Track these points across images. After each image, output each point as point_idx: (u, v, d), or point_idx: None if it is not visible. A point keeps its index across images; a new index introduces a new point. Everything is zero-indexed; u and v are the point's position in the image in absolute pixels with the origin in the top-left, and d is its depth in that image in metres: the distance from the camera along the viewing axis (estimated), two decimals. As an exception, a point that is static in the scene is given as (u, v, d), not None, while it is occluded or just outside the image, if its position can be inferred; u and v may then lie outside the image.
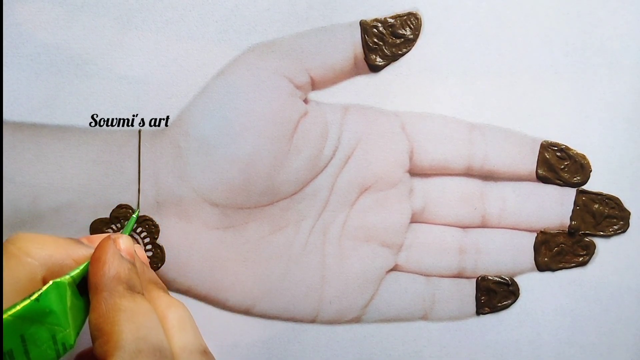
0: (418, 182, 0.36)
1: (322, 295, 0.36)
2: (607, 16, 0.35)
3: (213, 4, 0.33)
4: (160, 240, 0.34)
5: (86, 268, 0.27)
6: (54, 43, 0.33)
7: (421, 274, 0.36)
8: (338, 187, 0.35)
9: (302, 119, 0.34)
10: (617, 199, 0.36)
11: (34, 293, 0.25)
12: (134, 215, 0.33)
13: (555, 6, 0.35)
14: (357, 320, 0.36)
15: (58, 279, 0.26)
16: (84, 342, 0.27)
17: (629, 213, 0.36)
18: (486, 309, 0.37)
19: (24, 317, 0.24)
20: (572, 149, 0.36)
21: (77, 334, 0.26)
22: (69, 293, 0.26)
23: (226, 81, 0.34)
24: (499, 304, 0.37)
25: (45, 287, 0.25)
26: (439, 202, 0.36)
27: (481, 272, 0.36)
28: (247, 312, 0.35)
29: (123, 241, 0.28)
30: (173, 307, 0.27)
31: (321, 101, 0.35)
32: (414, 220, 0.36)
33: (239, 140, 0.34)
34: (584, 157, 0.36)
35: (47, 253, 0.26)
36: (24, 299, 0.24)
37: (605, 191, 0.36)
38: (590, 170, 0.36)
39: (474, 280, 0.36)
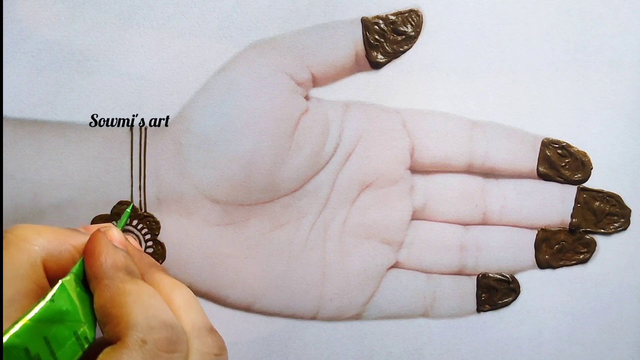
0: (419, 180, 0.36)
1: (322, 292, 0.36)
2: (609, 14, 0.35)
3: (214, 1, 0.33)
4: (161, 237, 0.34)
5: (82, 264, 0.27)
6: (55, 39, 0.33)
7: (422, 271, 0.36)
8: (339, 184, 0.35)
9: (303, 115, 0.34)
10: (618, 196, 0.36)
11: (47, 294, 0.25)
12: (128, 210, 0.33)
13: (556, 4, 0.35)
14: (357, 317, 0.36)
15: (65, 277, 0.26)
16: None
17: (630, 210, 0.36)
18: (487, 306, 0.37)
19: (43, 319, 0.25)
20: (573, 147, 0.36)
21: (95, 326, 0.26)
22: (77, 289, 0.26)
23: (227, 78, 0.34)
24: (500, 302, 0.37)
25: (56, 287, 0.25)
26: (439, 200, 0.36)
27: (482, 270, 0.36)
28: (247, 309, 0.35)
29: (113, 232, 0.28)
30: (177, 288, 0.27)
31: (322, 98, 0.35)
32: (414, 217, 0.36)
33: (239, 137, 0.34)
34: (585, 154, 0.36)
35: (45, 239, 0.26)
36: (39, 301, 0.25)
37: (606, 189, 0.36)
38: (591, 168, 0.36)
39: (475, 277, 0.36)
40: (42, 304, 0.25)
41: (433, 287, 0.36)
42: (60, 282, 0.25)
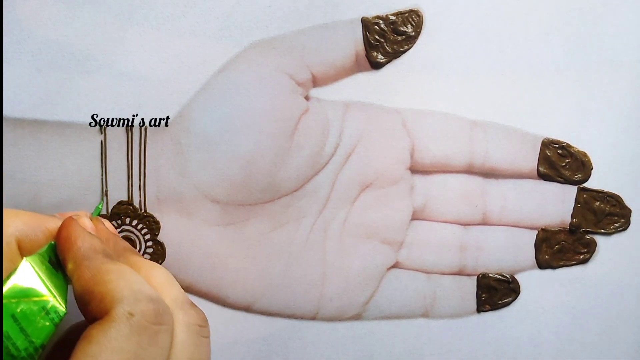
0: (419, 180, 0.36)
1: (322, 292, 0.36)
2: (608, 14, 0.35)
3: (214, 1, 0.33)
4: (161, 237, 0.34)
5: (52, 247, 0.27)
6: (55, 39, 0.33)
7: (422, 271, 0.36)
8: (339, 184, 0.35)
9: (303, 115, 0.34)
10: (618, 196, 0.36)
11: (10, 274, 0.25)
12: (99, 206, 0.34)
13: (556, 4, 0.35)
14: (357, 317, 0.36)
15: (28, 256, 0.26)
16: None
17: (630, 211, 0.37)
18: (487, 306, 0.37)
19: (8, 297, 0.25)
20: (573, 147, 0.36)
21: (65, 300, 0.26)
22: (43, 267, 0.26)
23: (227, 78, 0.34)
24: (500, 302, 0.37)
25: (19, 266, 0.26)
26: (440, 200, 0.36)
27: (482, 270, 0.36)
28: (247, 309, 0.35)
29: (84, 220, 0.29)
30: (156, 267, 0.28)
31: (322, 98, 0.35)
32: (414, 217, 0.36)
33: (240, 137, 0.34)
34: (585, 154, 0.36)
35: (21, 221, 0.27)
36: (4, 281, 0.25)
37: (606, 189, 0.36)
38: (591, 168, 0.36)
39: (475, 277, 0.36)
40: (5, 283, 0.25)
41: (433, 287, 0.36)
42: (23, 259, 0.26)
